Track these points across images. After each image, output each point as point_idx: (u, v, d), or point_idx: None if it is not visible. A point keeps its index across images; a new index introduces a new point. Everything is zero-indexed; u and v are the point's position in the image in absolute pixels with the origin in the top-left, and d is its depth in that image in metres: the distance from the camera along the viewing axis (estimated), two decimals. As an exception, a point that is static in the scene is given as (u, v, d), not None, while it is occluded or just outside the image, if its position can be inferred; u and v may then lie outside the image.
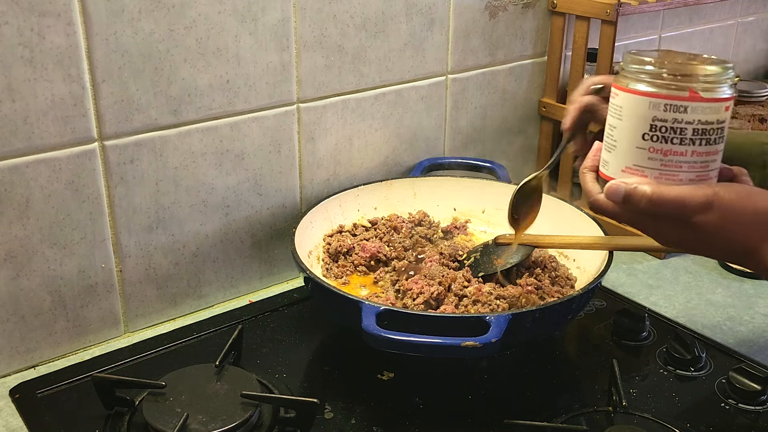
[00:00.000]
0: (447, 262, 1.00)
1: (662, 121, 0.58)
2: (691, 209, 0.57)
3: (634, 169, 0.60)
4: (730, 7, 1.58)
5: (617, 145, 0.61)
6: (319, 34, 1.01)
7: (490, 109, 1.26)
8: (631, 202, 0.59)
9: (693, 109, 0.58)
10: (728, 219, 0.57)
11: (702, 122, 0.58)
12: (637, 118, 0.59)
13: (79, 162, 0.86)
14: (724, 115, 0.59)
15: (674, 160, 0.59)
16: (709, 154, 0.59)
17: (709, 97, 0.58)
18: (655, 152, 0.59)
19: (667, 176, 0.59)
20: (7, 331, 0.87)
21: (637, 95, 0.59)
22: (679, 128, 0.58)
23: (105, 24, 0.83)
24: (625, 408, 0.80)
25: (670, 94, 0.58)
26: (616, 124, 0.61)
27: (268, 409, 0.79)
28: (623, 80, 0.61)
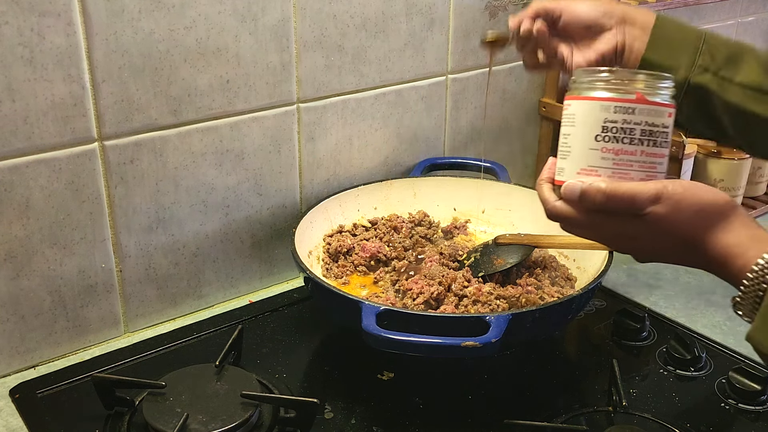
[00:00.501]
0: (447, 262, 1.00)
1: (613, 122, 0.62)
2: (642, 201, 0.60)
3: (589, 169, 0.63)
4: (730, 7, 1.58)
5: (571, 150, 0.65)
6: (319, 34, 1.01)
7: (490, 109, 1.26)
8: (586, 198, 0.62)
9: (640, 111, 0.62)
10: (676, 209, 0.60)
11: (649, 124, 0.63)
12: (590, 121, 0.63)
13: (79, 162, 0.86)
14: (668, 122, 0.64)
15: (625, 159, 0.63)
16: (656, 156, 0.63)
17: (654, 101, 0.63)
18: (608, 152, 0.63)
19: (620, 174, 0.63)
20: (7, 331, 0.87)
21: (589, 101, 0.64)
22: (629, 128, 0.62)
23: (105, 24, 0.83)
24: (625, 408, 0.80)
25: (620, 97, 0.63)
26: (570, 132, 0.65)
27: (268, 409, 0.79)
28: (575, 91, 0.66)
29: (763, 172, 1.36)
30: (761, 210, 1.34)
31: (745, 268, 0.58)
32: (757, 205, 1.35)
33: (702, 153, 1.27)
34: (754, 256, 0.58)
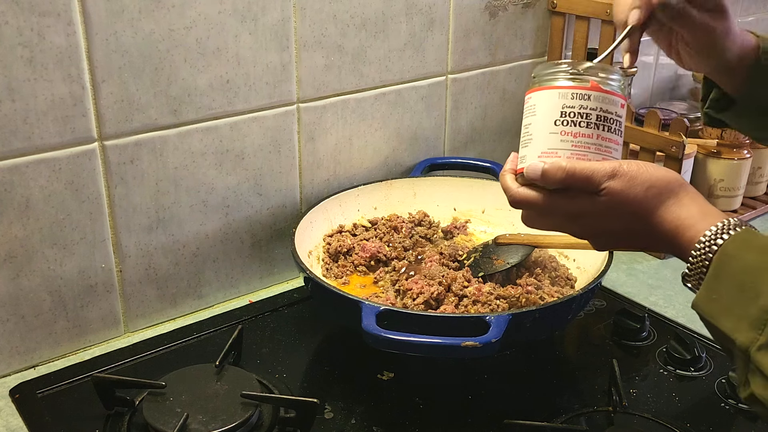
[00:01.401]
0: (447, 262, 1.00)
1: (570, 107, 0.67)
2: (599, 177, 0.64)
3: (549, 152, 0.67)
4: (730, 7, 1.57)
5: (533, 137, 0.69)
6: (319, 34, 1.01)
7: (490, 109, 1.26)
8: (548, 176, 0.65)
9: (595, 98, 0.67)
10: (630, 185, 0.63)
11: (603, 110, 0.67)
12: (549, 108, 0.68)
13: (79, 162, 0.86)
14: (621, 111, 0.68)
15: (583, 142, 0.67)
16: (611, 141, 0.68)
17: (608, 90, 0.67)
18: (566, 135, 0.67)
19: (578, 155, 0.67)
20: (7, 331, 0.87)
21: (548, 90, 0.69)
22: (585, 113, 0.67)
23: (105, 24, 0.83)
24: (625, 408, 0.80)
25: (576, 84, 0.67)
26: (531, 121, 0.70)
27: (268, 409, 0.79)
28: (536, 85, 0.70)
29: (763, 172, 1.36)
30: (761, 210, 1.34)
31: (693, 240, 0.60)
32: (757, 205, 1.34)
33: (702, 153, 1.27)
34: (703, 229, 0.60)
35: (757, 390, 0.55)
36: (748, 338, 0.55)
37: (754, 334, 0.54)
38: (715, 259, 0.59)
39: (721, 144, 1.27)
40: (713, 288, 0.59)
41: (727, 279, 0.58)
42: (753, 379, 0.55)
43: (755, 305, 0.55)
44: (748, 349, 0.55)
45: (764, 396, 0.54)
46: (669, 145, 1.14)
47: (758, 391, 0.55)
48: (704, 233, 0.60)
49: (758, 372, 0.54)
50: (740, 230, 0.59)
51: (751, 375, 0.55)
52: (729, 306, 0.57)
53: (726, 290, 0.58)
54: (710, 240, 0.59)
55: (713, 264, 0.59)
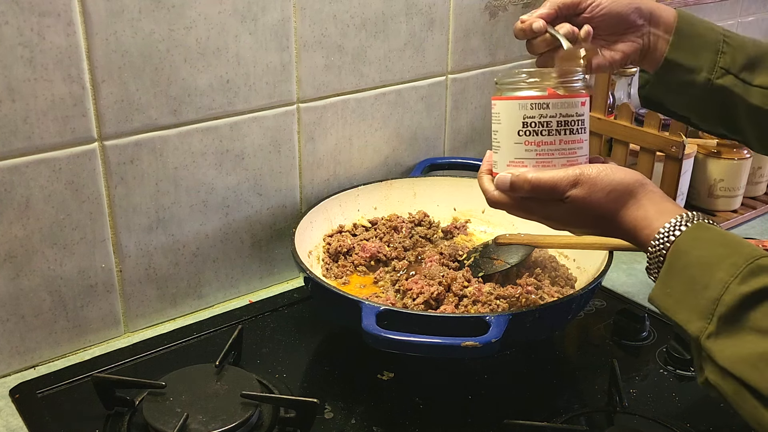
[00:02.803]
0: (447, 262, 1.00)
1: (531, 117, 0.70)
2: (563, 186, 0.68)
3: (516, 161, 0.71)
4: (730, 7, 1.58)
5: (501, 145, 0.72)
6: (319, 34, 1.01)
7: (490, 109, 1.25)
8: (515, 188, 0.70)
9: (554, 105, 0.69)
10: (592, 191, 0.67)
11: (563, 115, 0.69)
12: (512, 118, 0.71)
13: (79, 162, 0.86)
14: (582, 110, 0.70)
15: (546, 149, 0.70)
16: (574, 142, 0.70)
17: (565, 94, 0.69)
18: (530, 144, 0.70)
19: (543, 163, 0.70)
20: (7, 331, 0.87)
21: (509, 100, 0.71)
22: (545, 122, 0.69)
23: (105, 24, 0.83)
24: (625, 408, 0.80)
25: (534, 94, 0.70)
26: (498, 129, 0.73)
27: (268, 409, 0.79)
28: (499, 92, 0.73)
29: (763, 172, 1.36)
30: (761, 210, 1.34)
31: (650, 238, 0.64)
32: (757, 205, 1.34)
33: (702, 153, 1.27)
34: (658, 226, 0.64)
35: (710, 376, 0.58)
36: (698, 328, 0.58)
37: (703, 324, 0.58)
38: (668, 255, 0.62)
39: (721, 144, 1.27)
40: (667, 282, 0.62)
41: (678, 273, 0.61)
42: (706, 366, 0.59)
43: (704, 297, 0.58)
44: (699, 338, 0.58)
45: (716, 381, 0.58)
46: (669, 145, 1.14)
47: (711, 377, 0.58)
48: (659, 230, 0.64)
49: (709, 359, 0.58)
50: (692, 225, 0.62)
51: (704, 362, 0.59)
52: (681, 299, 0.61)
53: (678, 284, 0.61)
54: (664, 237, 0.63)
55: (667, 260, 0.63)
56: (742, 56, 0.80)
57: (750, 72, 0.80)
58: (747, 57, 0.80)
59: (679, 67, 0.81)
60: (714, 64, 0.80)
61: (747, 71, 0.80)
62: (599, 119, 1.21)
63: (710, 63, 0.80)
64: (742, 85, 0.80)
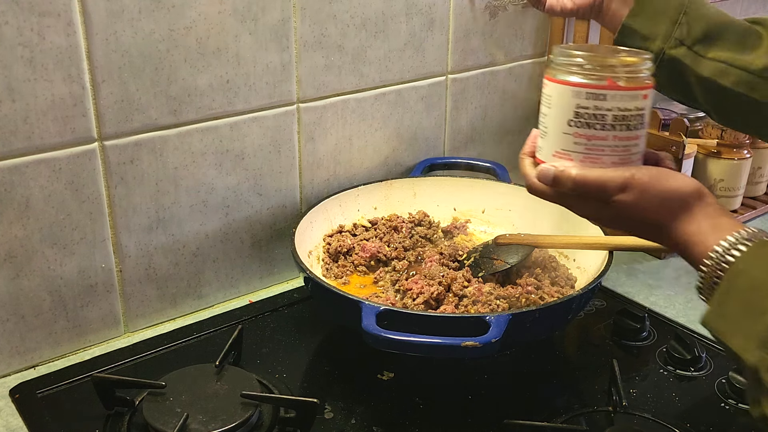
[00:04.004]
0: (447, 262, 1.00)
1: (585, 108, 0.63)
2: (610, 190, 0.63)
3: (562, 153, 0.65)
4: (730, 7, 1.58)
5: (548, 132, 0.67)
6: (319, 34, 1.01)
7: (490, 109, 1.26)
8: (558, 184, 0.65)
9: (612, 97, 0.63)
10: (642, 198, 0.62)
11: (621, 109, 0.63)
12: (563, 106, 0.64)
13: (79, 162, 0.86)
14: (643, 103, 0.64)
15: (597, 145, 0.64)
16: (629, 139, 0.64)
17: (627, 86, 0.63)
18: (580, 137, 0.64)
19: (591, 159, 0.64)
20: (7, 331, 0.87)
21: (562, 85, 0.64)
22: (600, 115, 0.63)
23: (105, 24, 0.83)
24: (625, 408, 0.80)
25: (591, 83, 0.63)
26: (547, 112, 0.67)
27: (268, 409, 0.79)
28: (552, 71, 0.66)
29: (763, 172, 1.36)
30: (761, 210, 1.34)
31: (703, 256, 0.60)
32: (757, 205, 1.34)
33: (702, 153, 1.27)
34: (712, 243, 0.60)
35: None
36: (757, 358, 0.53)
37: (762, 354, 0.53)
38: (725, 275, 0.58)
39: (721, 144, 1.27)
40: (722, 304, 0.58)
41: (736, 296, 0.57)
42: (764, 399, 0.54)
43: (762, 323, 0.54)
44: (758, 370, 0.53)
45: None
46: (669, 145, 1.14)
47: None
48: (713, 248, 0.59)
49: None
50: (753, 244, 0.58)
51: (764, 396, 0.54)
52: (737, 323, 0.56)
53: (735, 308, 0.57)
54: (720, 256, 0.58)
55: (723, 280, 0.58)
56: (699, 27, 0.80)
57: (705, 44, 0.80)
58: (706, 28, 0.80)
59: (635, 34, 0.81)
60: (669, 35, 0.80)
61: (702, 43, 0.80)
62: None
63: (666, 32, 0.80)
64: (693, 56, 0.80)
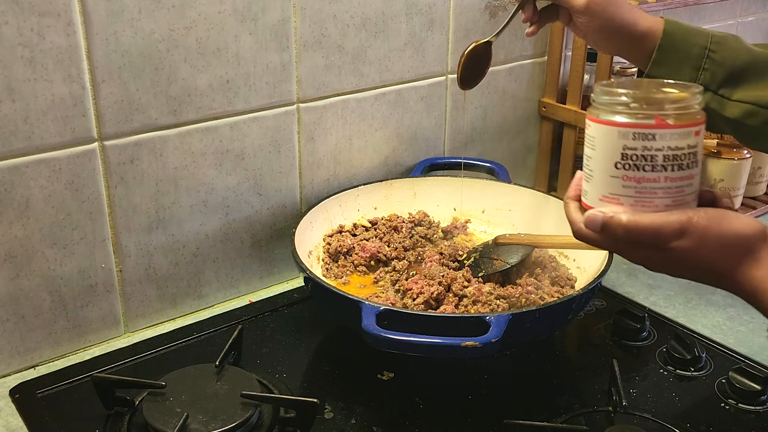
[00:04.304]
0: (447, 262, 1.00)
1: (632, 149, 0.59)
2: (666, 236, 0.58)
3: (611, 197, 0.61)
4: (730, 7, 1.58)
5: (593, 175, 0.62)
6: (319, 34, 1.01)
7: (490, 109, 1.26)
8: (608, 230, 0.60)
9: (661, 136, 0.58)
10: (702, 244, 0.58)
11: (672, 148, 0.59)
12: (609, 147, 0.60)
13: (79, 162, 0.86)
14: (695, 140, 0.60)
15: (648, 187, 0.60)
16: (683, 179, 0.60)
17: (677, 123, 0.58)
18: (629, 180, 0.60)
19: (643, 203, 0.60)
20: (7, 331, 0.87)
21: (606, 125, 0.60)
22: (650, 155, 0.59)
23: (105, 24, 0.83)
24: (625, 408, 0.80)
25: (638, 122, 0.59)
26: (591, 154, 0.62)
27: (268, 409, 0.79)
28: (594, 111, 0.62)
29: (763, 172, 1.36)
30: (761, 210, 1.34)
31: None
32: (757, 205, 1.34)
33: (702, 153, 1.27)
34: None
35: None
36: None
37: None
38: None
39: (721, 144, 1.27)
40: None
41: None
42: None
43: None
44: None
45: None
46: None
47: None
48: None
49: None
50: None
51: None
52: None
53: None
54: None
55: None
56: (723, 70, 0.80)
57: (730, 87, 0.80)
58: (730, 70, 0.79)
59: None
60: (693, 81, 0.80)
61: (727, 86, 0.80)
62: (599, 119, 1.21)
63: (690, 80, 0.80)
64: (720, 100, 0.80)
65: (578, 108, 1.25)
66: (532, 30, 0.90)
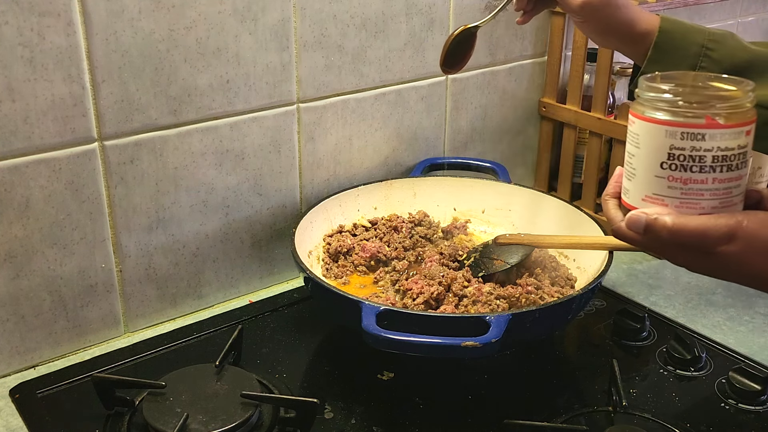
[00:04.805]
0: (447, 262, 1.00)
1: (680, 149, 0.57)
2: (713, 240, 0.56)
3: (654, 198, 0.59)
4: (730, 7, 1.58)
5: (636, 173, 0.60)
6: (319, 34, 1.01)
7: (490, 109, 1.26)
8: (651, 232, 0.58)
9: (711, 137, 0.56)
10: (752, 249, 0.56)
11: (721, 149, 0.57)
12: (655, 146, 0.58)
13: (79, 162, 0.86)
14: (746, 140, 0.57)
15: (695, 189, 0.57)
16: (731, 180, 0.58)
17: (728, 123, 0.56)
18: (675, 181, 0.58)
19: (689, 205, 0.58)
20: (7, 331, 0.87)
21: (653, 123, 0.58)
22: (698, 156, 0.56)
23: (105, 24, 0.83)
24: (625, 408, 0.80)
25: (687, 122, 0.56)
26: (635, 152, 0.60)
27: (268, 409, 0.79)
28: (639, 107, 0.60)
29: (763, 172, 1.35)
30: (761, 210, 1.33)
31: None
32: (757, 205, 1.34)
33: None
34: None
35: None
36: None
37: None
38: None
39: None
40: None
41: None
42: None
43: None
44: None
45: None
46: (669, 145, 1.14)
47: None
48: None
49: None
50: None
51: None
52: None
53: None
54: None
55: None
56: (721, 70, 0.77)
57: None
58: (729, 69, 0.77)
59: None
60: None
61: None
62: (599, 119, 1.21)
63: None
64: None
65: (578, 108, 1.25)
66: (523, 19, 0.90)
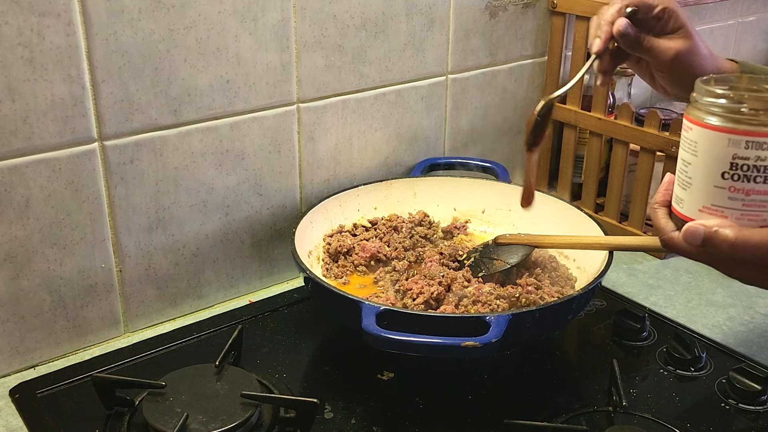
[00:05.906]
0: (447, 262, 1.00)
1: (743, 159, 0.54)
2: None
3: (713, 209, 0.56)
4: (731, 6, 1.58)
5: (693, 183, 0.57)
6: (319, 34, 1.01)
7: (490, 109, 1.26)
8: (711, 245, 0.56)
9: None
10: None
11: None
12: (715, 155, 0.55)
13: (79, 162, 0.86)
14: None
15: (757, 200, 0.55)
16: None
17: None
18: (736, 192, 0.55)
19: (750, 217, 0.55)
20: (7, 331, 0.87)
21: (714, 131, 0.55)
22: (763, 166, 0.54)
23: (105, 24, 0.83)
24: (625, 408, 0.80)
25: (752, 130, 0.53)
26: (691, 160, 0.57)
27: (268, 409, 0.79)
28: (696, 113, 0.57)
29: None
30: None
31: None
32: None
33: None
34: None
35: None
36: None
37: None
38: None
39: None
40: None
41: None
42: None
43: None
44: None
45: None
46: (669, 145, 1.14)
47: None
48: None
49: None
50: None
51: None
52: None
53: None
54: None
55: None
56: None
57: None
58: None
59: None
60: None
61: None
62: (599, 119, 1.21)
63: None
64: None
65: (578, 108, 1.25)
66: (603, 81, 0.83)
